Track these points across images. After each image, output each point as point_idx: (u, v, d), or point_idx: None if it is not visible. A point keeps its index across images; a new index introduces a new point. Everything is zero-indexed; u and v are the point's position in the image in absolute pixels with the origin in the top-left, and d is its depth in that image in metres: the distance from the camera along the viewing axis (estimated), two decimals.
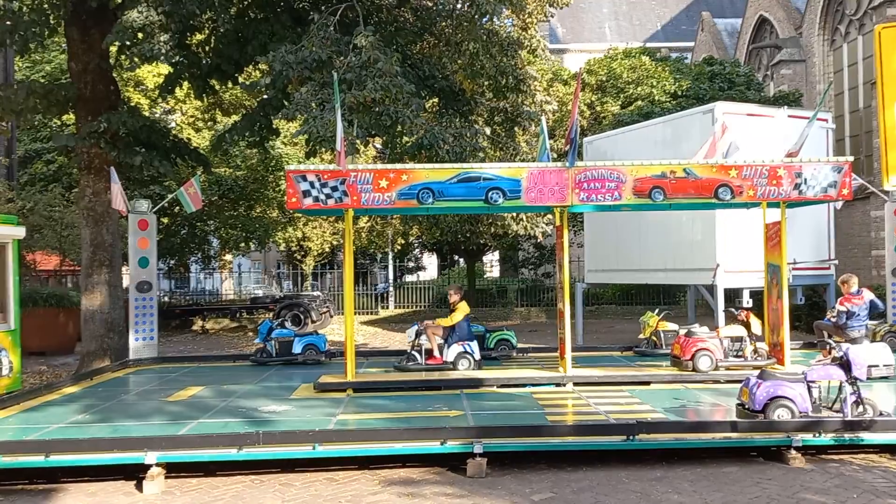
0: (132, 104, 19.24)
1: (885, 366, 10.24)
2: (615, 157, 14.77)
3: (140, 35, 11.72)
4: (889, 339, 12.19)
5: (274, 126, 14.95)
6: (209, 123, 24.92)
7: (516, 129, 15.05)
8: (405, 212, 16.29)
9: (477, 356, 11.11)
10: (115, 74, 15.35)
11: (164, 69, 18.51)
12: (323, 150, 11.88)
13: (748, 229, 12.75)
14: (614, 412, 8.44)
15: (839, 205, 14.14)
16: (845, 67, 24.42)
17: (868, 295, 10.62)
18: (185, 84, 15.31)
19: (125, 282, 15.76)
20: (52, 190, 21.02)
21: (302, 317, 20.55)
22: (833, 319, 11.12)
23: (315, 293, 26.83)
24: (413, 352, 11.47)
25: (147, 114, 20.84)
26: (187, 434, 7.51)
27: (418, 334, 11.41)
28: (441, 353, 11.13)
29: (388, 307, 30.40)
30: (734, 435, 7.37)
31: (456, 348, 11.05)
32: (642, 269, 15.87)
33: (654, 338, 12.99)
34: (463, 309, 11.27)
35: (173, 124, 24.61)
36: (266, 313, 23.72)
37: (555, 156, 12.97)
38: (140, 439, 7.11)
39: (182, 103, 24.23)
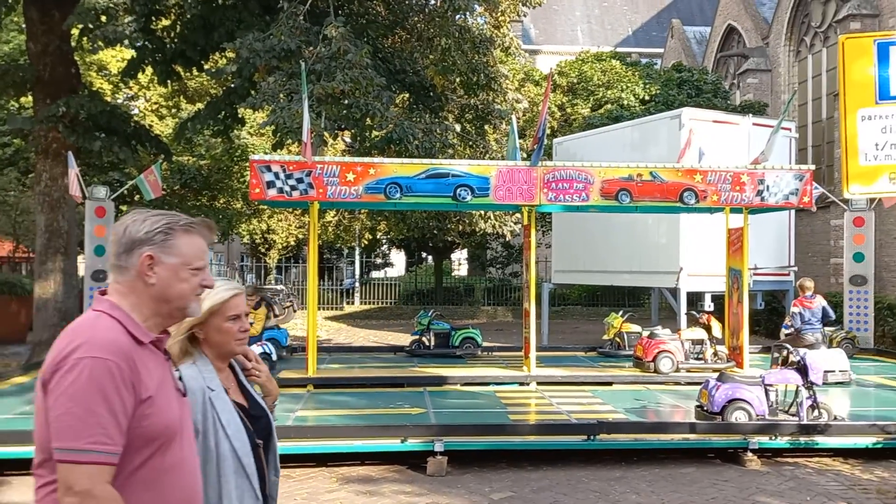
0: (93, 88, 18.80)
1: (840, 371, 10.43)
2: (584, 158, 14.83)
3: (103, 17, 11.42)
4: (845, 346, 12.43)
5: (240, 115, 14.70)
6: (173, 111, 24.43)
7: (487, 126, 15.02)
8: (372, 206, 16.18)
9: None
10: (76, 57, 14.96)
11: (128, 53, 18.09)
12: (290, 141, 11.70)
13: (711, 234, 12.90)
14: (576, 412, 8.45)
15: (814, 209, 14.40)
16: (809, 78, 24.89)
17: (821, 301, 10.82)
18: (149, 69, 14.98)
19: (81, 270, 15.38)
20: (6, 174, 20.43)
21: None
22: (789, 324, 11.30)
23: (278, 287, 26.50)
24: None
25: (109, 99, 20.38)
26: None
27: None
28: None
29: (353, 303, 30.18)
30: (693, 436, 7.42)
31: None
32: (608, 270, 15.97)
33: (618, 339, 13.08)
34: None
35: (136, 110, 24.09)
36: None
37: (524, 155, 12.94)
38: None
39: (145, 89, 23.74)
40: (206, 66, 15.31)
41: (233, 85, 13.39)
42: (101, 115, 13.36)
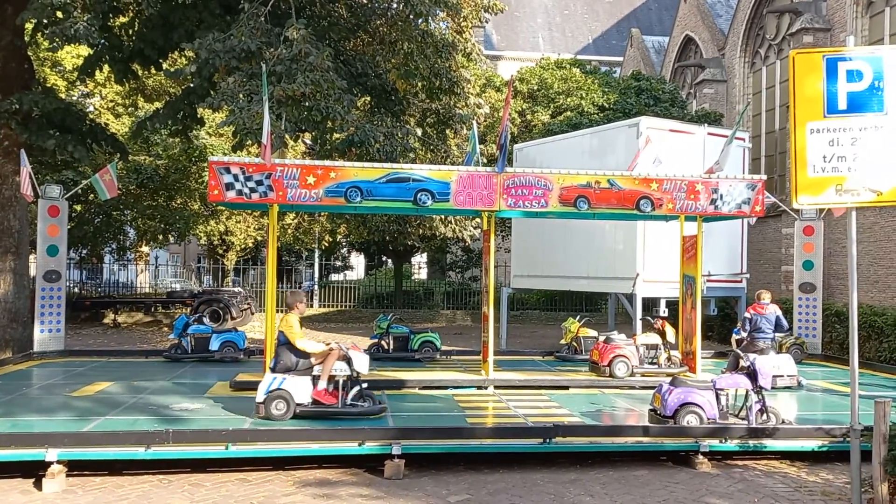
0: (47, 85, 18.35)
1: (788, 376, 10.73)
2: (544, 165, 15.00)
3: (59, 13, 11.16)
4: (794, 352, 12.80)
5: (199, 115, 14.50)
6: (130, 109, 23.98)
7: (448, 131, 15.07)
8: (332, 210, 16.10)
9: None
10: (29, 53, 14.60)
11: (84, 50, 17.73)
12: (250, 143, 11.60)
13: (667, 241, 13.16)
14: (533, 415, 8.54)
15: (753, 221, 14.77)
16: (763, 89, 25.55)
17: (774, 309, 11.07)
18: (106, 67, 14.69)
19: (32, 270, 15.00)
20: None
21: (221, 312, 20.03)
22: (739, 328, 11.57)
23: (236, 289, 26.19)
24: None
25: (63, 96, 19.90)
26: (91, 431, 7.18)
27: None
28: None
29: (312, 306, 29.94)
30: (646, 439, 7.57)
31: None
32: (566, 275, 16.17)
33: (575, 343, 13.24)
34: None
35: (91, 108, 23.58)
36: (183, 308, 22.99)
37: (485, 160, 13.06)
38: (40, 435, 6.76)
39: (102, 87, 23.24)
40: (164, 66, 15.08)
41: (192, 85, 13.20)
42: (55, 113, 13.06)
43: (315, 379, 8.00)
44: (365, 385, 8.34)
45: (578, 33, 48.87)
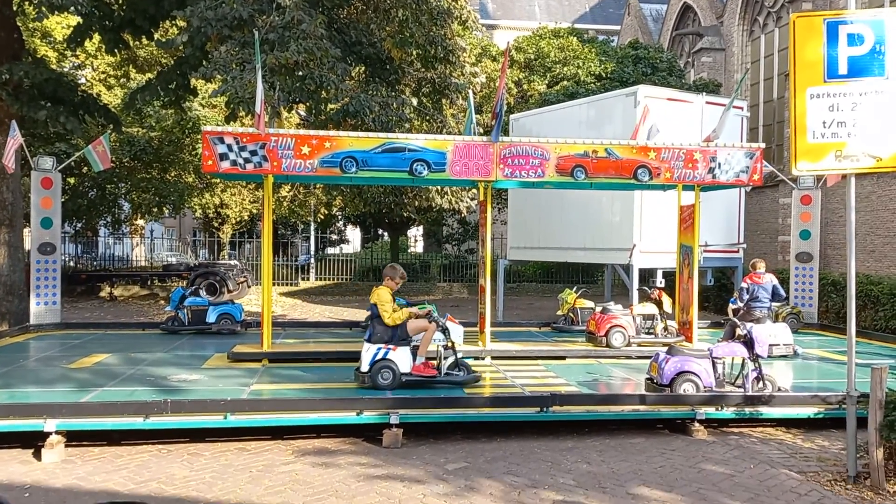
0: (37, 55, 18.11)
1: (784, 345, 10.78)
2: (540, 135, 14.89)
3: None
4: (790, 321, 12.83)
5: (191, 86, 14.33)
6: (122, 80, 23.70)
7: (444, 101, 14.91)
8: (327, 180, 15.99)
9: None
10: (19, 23, 14.37)
11: (74, 20, 17.46)
12: (243, 114, 11.48)
13: (664, 212, 13.12)
14: (530, 385, 8.57)
15: (748, 189, 14.72)
16: (762, 58, 25.35)
17: (771, 278, 11.07)
18: (96, 37, 14.49)
19: (27, 243, 14.92)
20: None
21: (217, 286, 19.96)
22: (736, 298, 11.58)
23: (232, 262, 26.15)
24: None
25: (54, 67, 19.66)
26: (90, 401, 7.18)
27: None
28: None
29: (308, 279, 29.94)
30: (642, 407, 7.59)
31: None
32: (563, 247, 16.14)
33: (572, 314, 13.26)
34: None
35: (83, 80, 23.30)
36: (179, 281, 22.97)
37: (481, 130, 12.93)
38: (39, 406, 6.76)
39: (93, 58, 22.95)
40: (156, 36, 14.87)
41: (184, 54, 13.03)
42: (46, 84, 12.91)
43: (415, 349, 8.21)
44: (460, 355, 8.51)
45: (575, 2, 48.36)
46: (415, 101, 14.37)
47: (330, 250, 40.47)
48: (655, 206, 13.63)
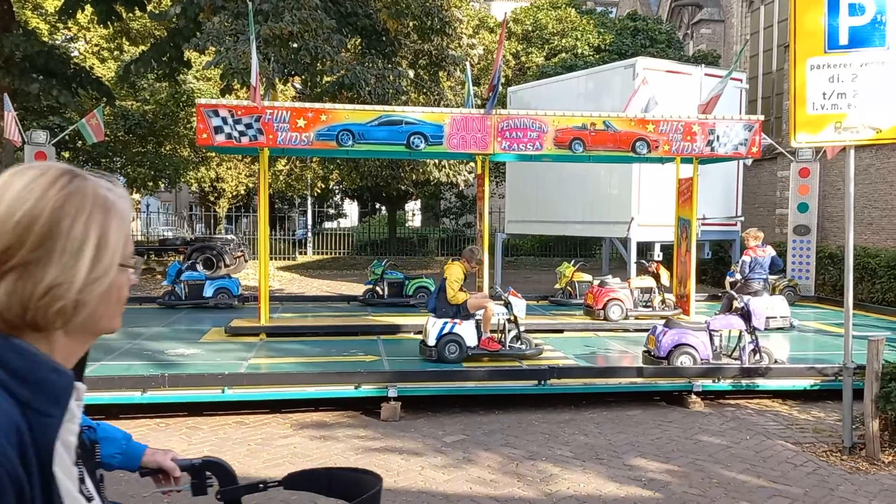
0: (29, 28, 17.87)
1: (781, 317, 10.80)
2: (538, 107, 14.75)
3: None
4: (787, 293, 12.85)
5: (185, 58, 14.16)
6: (115, 53, 23.43)
7: (441, 73, 14.79)
8: (323, 154, 15.89)
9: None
10: None
11: None
12: (238, 86, 11.36)
13: (662, 185, 13.06)
14: (528, 358, 8.58)
15: (749, 162, 14.66)
16: (761, 29, 25.12)
17: (770, 251, 11.09)
18: (88, 9, 14.28)
19: None
20: None
21: (214, 260, 19.97)
22: (737, 273, 11.59)
23: (229, 236, 26.06)
24: None
25: (46, 39, 19.41)
26: (87, 375, 7.16)
27: None
28: None
29: (306, 253, 29.92)
30: (639, 380, 7.62)
31: None
32: (561, 220, 16.11)
33: (570, 288, 13.26)
34: None
35: (76, 52, 23.03)
36: (176, 255, 22.92)
37: (478, 103, 12.77)
38: None
39: (86, 30, 22.67)
40: (148, 7, 14.68)
41: (177, 26, 12.86)
42: (38, 56, 12.76)
43: (479, 323, 8.34)
44: (522, 329, 8.60)
45: None
46: (411, 74, 14.25)
47: (327, 224, 40.38)
48: (653, 179, 13.58)
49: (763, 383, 7.70)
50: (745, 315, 7.96)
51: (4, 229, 1.00)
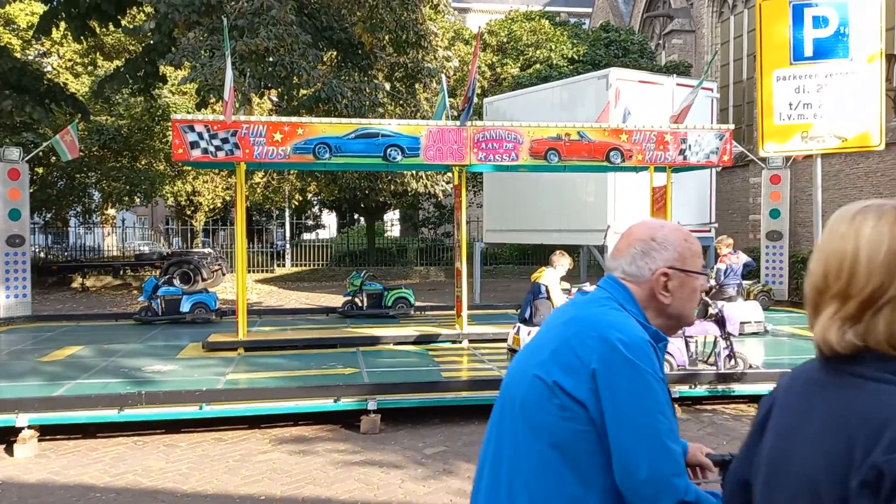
0: (1, 44, 17.71)
1: (756, 322, 10.96)
2: (514, 118, 14.89)
3: None
4: (761, 298, 13.04)
5: (160, 73, 14.11)
6: (89, 68, 23.27)
7: (417, 85, 14.87)
8: (300, 167, 15.88)
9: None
10: None
11: (38, 7, 17.09)
12: (214, 100, 11.34)
13: (637, 193, 13.21)
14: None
15: (719, 168, 14.89)
16: (731, 39, 25.52)
17: (743, 256, 11.28)
18: (62, 24, 14.19)
19: None
20: None
21: (192, 274, 19.82)
22: (711, 279, 11.74)
23: (206, 250, 25.89)
24: None
25: (19, 55, 19.24)
26: (62, 395, 7.12)
27: None
28: None
29: (284, 265, 29.78)
30: None
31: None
32: (538, 229, 16.22)
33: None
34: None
35: (49, 68, 22.83)
36: (152, 270, 22.72)
37: (454, 115, 12.85)
38: (10, 401, 6.68)
39: (59, 45, 22.49)
40: (123, 23, 14.61)
41: (152, 41, 12.82)
42: (10, 73, 12.67)
43: None
44: None
45: None
46: (388, 86, 14.31)
47: (306, 236, 40.22)
48: (629, 187, 13.73)
49: (739, 388, 7.81)
50: (720, 321, 8.07)
51: (871, 268, 1.18)
